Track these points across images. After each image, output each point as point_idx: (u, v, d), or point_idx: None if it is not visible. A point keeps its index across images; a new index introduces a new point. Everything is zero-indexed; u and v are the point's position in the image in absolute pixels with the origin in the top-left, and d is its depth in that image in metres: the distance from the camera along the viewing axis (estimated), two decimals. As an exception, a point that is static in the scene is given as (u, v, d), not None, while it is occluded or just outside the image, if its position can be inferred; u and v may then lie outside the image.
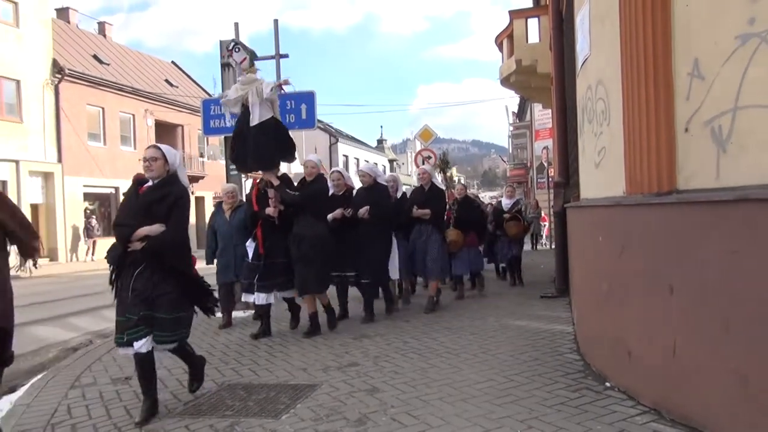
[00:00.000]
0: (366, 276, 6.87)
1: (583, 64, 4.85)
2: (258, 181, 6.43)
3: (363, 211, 6.60)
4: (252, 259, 6.28)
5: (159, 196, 3.88)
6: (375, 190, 6.93)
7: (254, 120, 5.98)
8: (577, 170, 6.22)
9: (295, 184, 6.38)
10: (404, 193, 7.89)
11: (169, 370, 4.97)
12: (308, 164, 6.35)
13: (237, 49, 6.31)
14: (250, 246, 6.38)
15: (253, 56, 6.12)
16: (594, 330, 4.64)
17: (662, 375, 3.45)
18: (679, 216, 3.30)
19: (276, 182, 6.06)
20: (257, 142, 5.95)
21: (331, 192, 6.86)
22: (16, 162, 20.82)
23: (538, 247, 21.66)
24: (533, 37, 14.96)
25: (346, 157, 44.81)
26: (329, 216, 6.53)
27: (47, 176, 22.54)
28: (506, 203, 10.25)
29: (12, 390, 5.08)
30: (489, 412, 3.72)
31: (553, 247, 16.62)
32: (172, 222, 3.85)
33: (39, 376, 5.32)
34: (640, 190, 3.56)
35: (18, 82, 21.40)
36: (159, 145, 4.10)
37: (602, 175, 4.39)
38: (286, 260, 6.21)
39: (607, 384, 4.10)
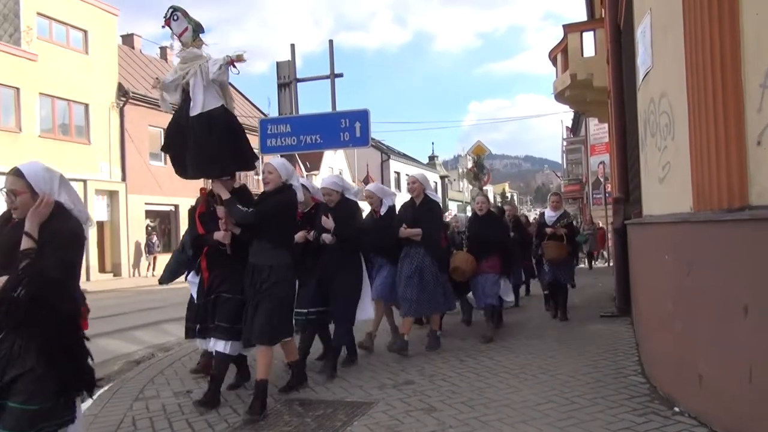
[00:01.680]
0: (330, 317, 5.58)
1: (644, 77, 4.73)
2: (207, 193, 4.89)
3: (327, 236, 5.35)
4: (197, 297, 4.88)
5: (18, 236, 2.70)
6: (341, 208, 5.49)
7: (195, 108, 4.58)
8: (638, 186, 6.04)
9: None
10: (392, 208, 6.37)
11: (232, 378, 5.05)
12: (267, 168, 4.58)
13: (175, 17, 4.61)
14: (193, 282, 5.19)
15: (198, 27, 4.64)
16: (660, 351, 4.46)
17: (738, 401, 3.27)
18: (753, 233, 3.15)
19: (225, 195, 4.53)
20: (199, 140, 4.52)
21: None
22: (84, 181, 21.82)
23: (594, 265, 20.44)
24: (588, 50, 14.71)
25: (398, 173, 44.97)
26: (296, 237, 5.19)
27: (112, 195, 23.55)
28: (550, 216, 8.30)
29: (81, 400, 5.28)
30: (550, 435, 3.61)
31: (611, 264, 16.14)
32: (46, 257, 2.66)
33: (105, 388, 5.50)
34: (709, 206, 3.42)
35: (87, 105, 22.54)
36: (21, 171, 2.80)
37: (667, 191, 4.25)
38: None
39: (676, 408, 3.92)
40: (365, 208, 6.77)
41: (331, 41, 8.74)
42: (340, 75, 8.77)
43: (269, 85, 9.97)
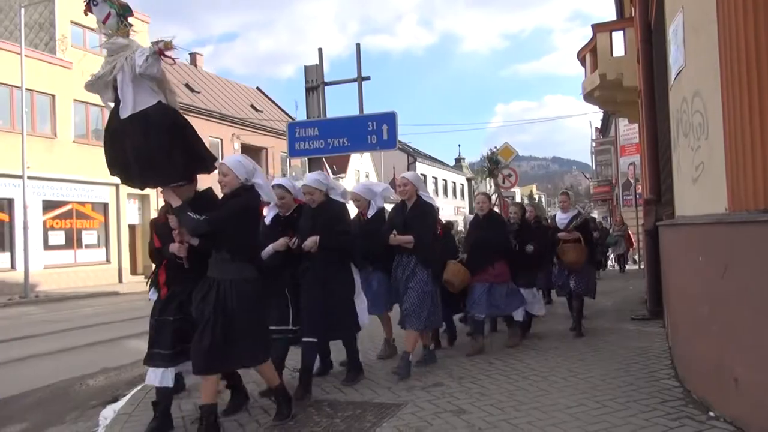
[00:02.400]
0: (308, 332, 4.81)
1: (677, 76, 4.65)
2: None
3: (310, 242, 4.73)
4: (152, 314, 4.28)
5: None
6: (325, 210, 4.93)
7: (125, 109, 3.91)
8: (670, 187, 5.94)
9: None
10: (381, 210, 5.87)
11: (258, 384, 5.09)
12: (221, 169, 4.04)
13: (95, 2, 3.84)
14: (152, 297, 4.62)
15: (124, 11, 3.84)
16: (694, 355, 4.38)
17: (775, 405, 3.19)
18: (791, 234, 3.08)
19: (175, 203, 3.98)
20: (136, 145, 3.88)
21: (272, 214, 5.09)
22: (116, 185, 22.29)
23: (626, 268, 19.44)
24: (618, 50, 14.50)
25: (425, 176, 44.95)
26: (269, 248, 4.69)
27: (143, 198, 23.99)
28: (561, 218, 7.38)
29: (115, 399, 5.41)
30: (582, 439, 3.57)
31: (642, 267, 15.87)
32: None
33: (138, 387, 5.60)
34: (745, 206, 3.35)
35: (119, 111, 23.03)
36: None
37: (700, 192, 4.17)
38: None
39: (711, 413, 3.85)
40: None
41: (358, 45, 8.78)
42: (367, 78, 8.81)
43: (297, 89, 10.06)
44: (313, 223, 4.84)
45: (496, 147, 14.59)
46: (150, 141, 3.85)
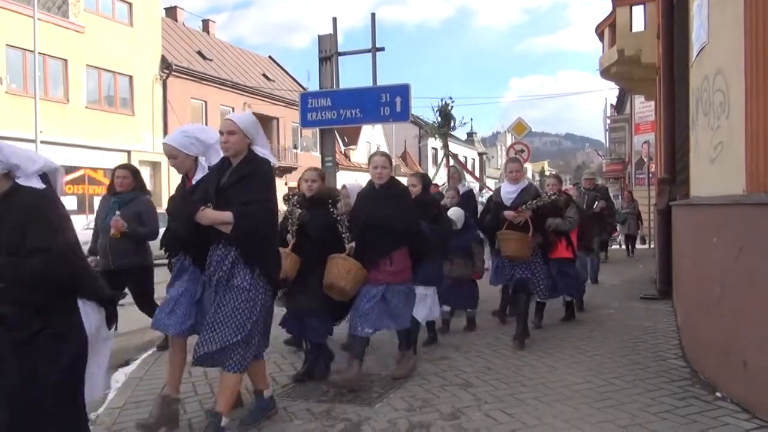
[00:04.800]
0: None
1: (699, 53, 4.54)
2: None
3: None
4: None
5: None
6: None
7: None
8: (686, 166, 5.86)
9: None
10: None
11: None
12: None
13: None
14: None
15: None
16: (703, 336, 4.37)
17: (784, 388, 3.19)
18: (810, 217, 3.03)
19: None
20: None
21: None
22: (128, 152, 22.33)
23: (634, 251, 16.85)
24: (638, 25, 14.19)
25: (435, 150, 44.67)
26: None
27: (155, 166, 24.04)
28: (508, 192, 5.52)
29: (126, 363, 5.49)
30: (587, 415, 3.60)
31: (651, 246, 15.70)
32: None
33: (149, 352, 5.69)
34: (763, 188, 3.30)
35: (131, 77, 22.95)
36: None
37: (718, 172, 4.11)
38: None
39: (718, 394, 3.85)
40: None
41: (373, 14, 8.67)
42: (382, 49, 8.71)
43: (310, 59, 9.98)
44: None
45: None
46: None
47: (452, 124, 11.00)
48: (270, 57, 37.41)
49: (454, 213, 5.88)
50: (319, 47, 8.77)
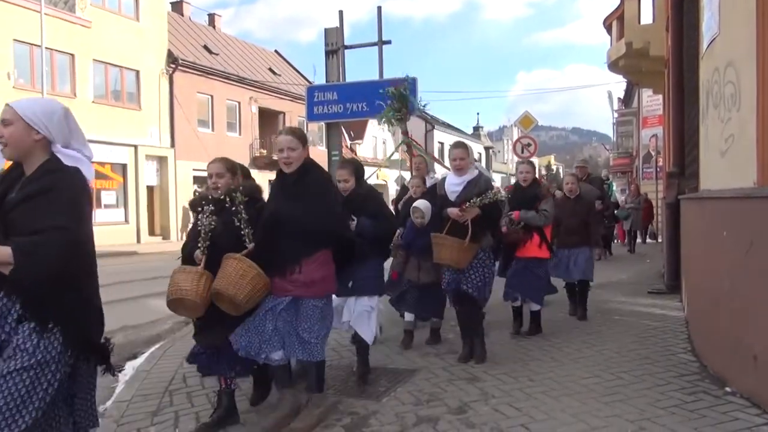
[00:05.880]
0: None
1: (709, 44, 4.49)
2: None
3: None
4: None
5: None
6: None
7: None
8: (695, 159, 5.81)
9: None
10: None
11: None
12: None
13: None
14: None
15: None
16: (712, 330, 4.34)
17: (795, 383, 3.16)
18: (822, 210, 2.99)
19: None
20: None
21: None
22: (135, 147, 22.42)
23: (635, 247, 15.52)
24: (646, 17, 14.05)
25: (442, 144, 44.56)
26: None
27: (161, 160, 24.11)
28: (453, 184, 4.65)
29: (134, 356, 5.52)
30: (596, 410, 3.58)
31: (659, 241, 15.63)
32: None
33: (157, 346, 5.72)
34: (775, 181, 3.27)
35: (137, 72, 22.98)
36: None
37: (728, 165, 4.06)
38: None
39: (727, 389, 3.82)
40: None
41: (379, 8, 8.63)
42: (388, 42, 8.68)
43: (316, 53, 9.91)
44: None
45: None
46: None
47: (412, 105, 8.90)
48: (276, 51, 37.37)
49: (422, 204, 5.06)
50: (325, 40, 8.75)
